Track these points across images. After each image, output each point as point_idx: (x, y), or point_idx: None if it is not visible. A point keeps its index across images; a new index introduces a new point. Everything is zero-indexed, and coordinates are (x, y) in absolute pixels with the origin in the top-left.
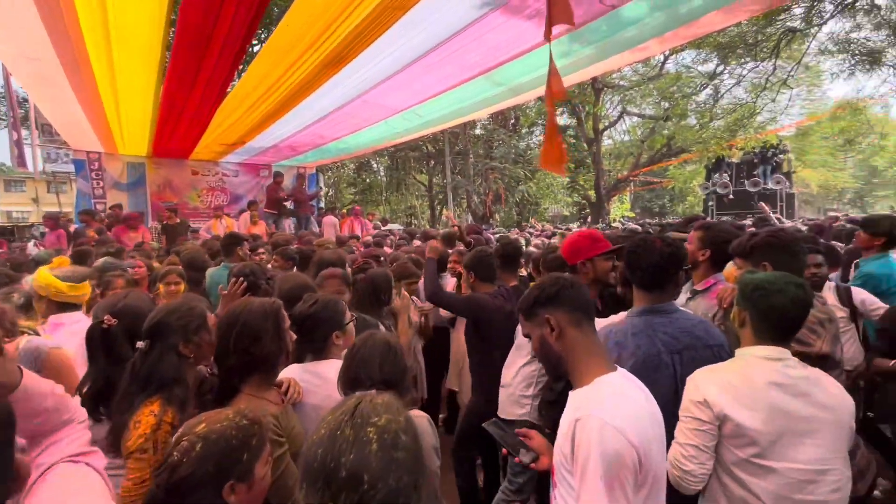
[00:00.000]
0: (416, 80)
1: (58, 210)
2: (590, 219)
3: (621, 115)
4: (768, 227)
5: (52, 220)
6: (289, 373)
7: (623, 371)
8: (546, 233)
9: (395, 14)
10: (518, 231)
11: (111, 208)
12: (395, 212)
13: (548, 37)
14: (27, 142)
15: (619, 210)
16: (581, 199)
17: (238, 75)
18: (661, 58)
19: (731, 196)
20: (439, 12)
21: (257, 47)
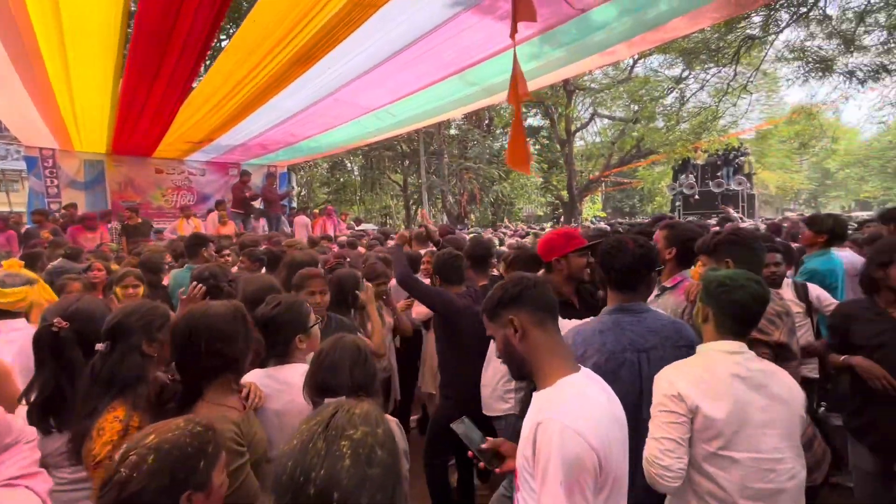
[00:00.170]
0: (389, 78)
1: (8, 210)
2: (563, 219)
3: (592, 117)
4: (730, 226)
5: (2, 220)
6: (250, 378)
7: (587, 371)
8: (520, 232)
9: (367, 11)
10: (492, 231)
11: (65, 208)
12: (369, 212)
13: (513, 35)
14: None
15: (591, 210)
16: (554, 200)
17: (204, 70)
18: (631, 61)
19: (697, 196)
20: (411, 10)
21: (225, 42)
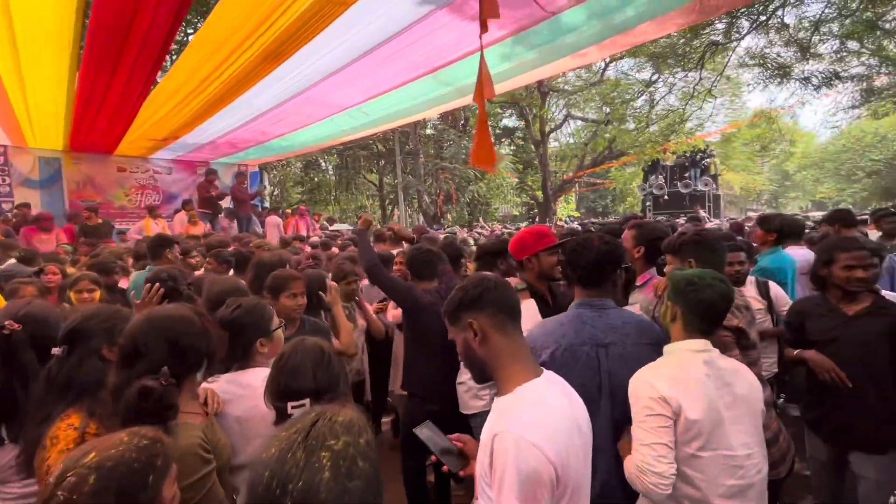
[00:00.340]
0: (362, 77)
1: None
2: (538, 219)
3: (566, 119)
4: (695, 227)
5: None
6: (209, 384)
7: (549, 375)
8: (496, 232)
9: (338, 9)
10: (467, 231)
11: (17, 207)
12: (344, 212)
13: (483, 33)
14: None
15: (566, 210)
16: (529, 200)
17: (170, 64)
18: (603, 64)
19: (666, 197)
20: (384, 8)
21: (192, 36)
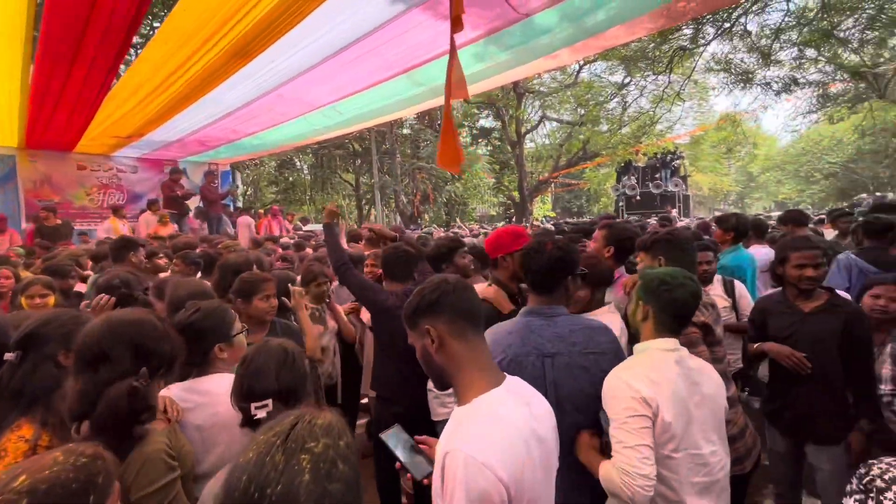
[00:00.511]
0: (336, 75)
1: None
2: (514, 218)
3: (542, 120)
4: (667, 227)
5: None
6: (166, 392)
7: (510, 383)
8: (474, 232)
9: (310, 5)
10: (444, 231)
11: None
12: (320, 212)
13: (456, 30)
14: None
15: (542, 210)
16: (506, 200)
17: (135, 57)
18: (577, 67)
19: (638, 197)
20: (356, 6)
21: (157, 29)
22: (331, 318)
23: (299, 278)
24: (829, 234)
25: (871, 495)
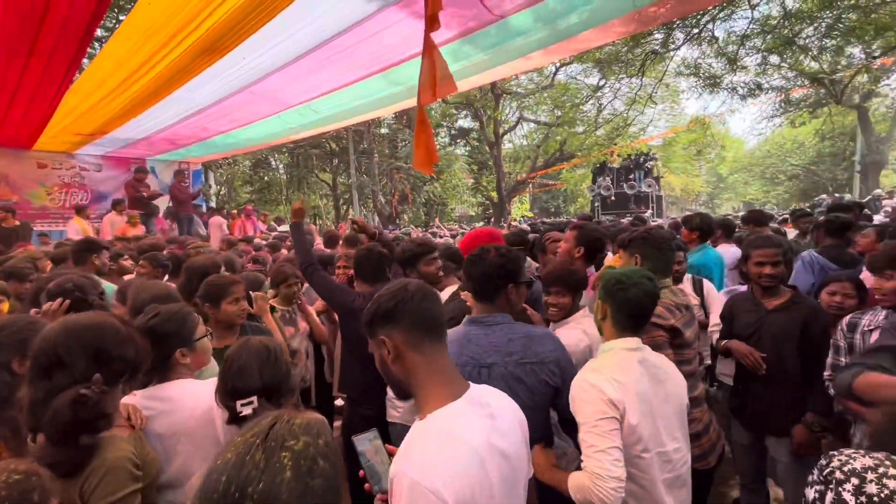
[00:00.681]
0: (310, 73)
1: None
2: (493, 219)
3: (519, 121)
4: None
5: None
6: (127, 399)
7: (473, 393)
8: (452, 232)
9: (282, 2)
10: (422, 231)
11: None
12: None
13: (432, 29)
14: None
15: (520, 210)
16: (485, 200)
17: (100, 50)
18: (553, 68)
19: (613, 198)
20: (330, 3)
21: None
22: (302, 320)
23: (269, 280)
24: (792, 233)
25: (831, 486)
